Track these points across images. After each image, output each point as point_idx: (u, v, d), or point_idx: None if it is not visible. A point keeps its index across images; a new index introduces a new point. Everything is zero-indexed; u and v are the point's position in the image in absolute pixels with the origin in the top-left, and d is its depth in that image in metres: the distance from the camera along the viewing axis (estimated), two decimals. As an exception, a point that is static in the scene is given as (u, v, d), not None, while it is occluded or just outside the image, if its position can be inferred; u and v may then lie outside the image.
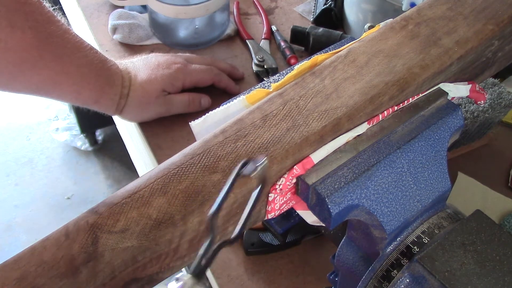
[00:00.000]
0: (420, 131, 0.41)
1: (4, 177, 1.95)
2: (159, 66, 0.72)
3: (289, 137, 0.37)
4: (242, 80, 0.82)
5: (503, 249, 0.38)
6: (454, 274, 0.37)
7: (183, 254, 0.34)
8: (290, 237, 0.63)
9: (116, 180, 1.96)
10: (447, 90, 0.44)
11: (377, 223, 0.39)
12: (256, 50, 0.86)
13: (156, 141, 0.74)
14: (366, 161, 0.38)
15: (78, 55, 0.63)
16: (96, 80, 0.66)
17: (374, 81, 0.41)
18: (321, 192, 0.36)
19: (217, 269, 0.63)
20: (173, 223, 0.33)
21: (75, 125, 1.95)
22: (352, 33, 0.88)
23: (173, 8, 0.80)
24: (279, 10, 0.96)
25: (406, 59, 0.43)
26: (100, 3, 0.93)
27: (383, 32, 0.45)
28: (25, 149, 2.04)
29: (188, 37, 0.85)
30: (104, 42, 0.87)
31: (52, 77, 0.62)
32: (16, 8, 0.57)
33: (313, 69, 0.43)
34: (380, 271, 0.41)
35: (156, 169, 0.36)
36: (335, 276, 0.49)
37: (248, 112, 0.39)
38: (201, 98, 0.76)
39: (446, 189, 0.42)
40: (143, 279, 0.33)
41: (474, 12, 0.47)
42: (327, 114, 0.39)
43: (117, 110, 0.71)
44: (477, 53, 0.46)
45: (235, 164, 0.36)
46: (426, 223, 0.41)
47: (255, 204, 0.31)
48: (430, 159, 0.41)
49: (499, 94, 0.70)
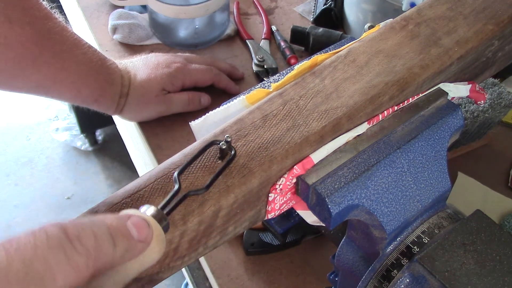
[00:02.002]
0: (420, 131, 0.41)
1: (4, 177, 1.95)
2: (159, 66, 0.72)
3: (289, 137, 0.37)
4: (242, 80, 0.82)
5: (503, 249, 0.38)
6: (454, 274, 0.37)
7: (183, 254, 0.34)
8: (290, 237, 0.63)
9: (116, 180, 1.96)
10: (447, 90, 0.44)
11: (377, 223, 0.39)
12: (256, 50, 0.86)
13: (156, 141, 0.74)
14: (366, 161, 0.38)
15: (77, 53, 0.63)
16: (96, 78, 0.66)
17: (374, 81, 0.41)
18: (321, 192, 0.36)
19: (217, 269, 0.63)
20: (173, 223, 0.33)
21: (75, 125, 1.95)
22: (352, 33, 0.88)
23: (173, 8, 0.80)
24: (279, 10, 0.96)
25: (406, 59, 0.43)
26: (100, 3, 0.93)
27: (383, 32, 0.45)
28: (25, 149, 2.04)
29: (188, 37, 0.85)
30: (104, 42, 0.87)
31: (52, 75, 0.62)
32: (14, 3, 0.57)
33: (313, 69, 0.43)
34: (380, 271, 0.41)
35: (156, 169, 0.36)
36: (335, 276, 0.49)
37: (248, 112, 0.39)
38: (200, 96, 0.76)
39: (446, 189, 0.42)
40: (143, 279, 0.33)
41: (474, 12, 0.47)
42: (327, 114, 0.39)
43: (117, 109, 0.71)
44: (477, 53, 0.46)
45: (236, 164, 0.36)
46: (426, 223, 0.41)
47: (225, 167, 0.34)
48: (430, 159, 0.41)
49: (499, 94, 0.70)
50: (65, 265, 0.24)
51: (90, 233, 0.25)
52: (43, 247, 0.23)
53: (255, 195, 0.36)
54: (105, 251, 0.25)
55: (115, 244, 0.26)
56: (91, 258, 0.25)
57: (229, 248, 0.65)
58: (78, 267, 0.24)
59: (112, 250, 0.26)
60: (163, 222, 0.30)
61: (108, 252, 0.26)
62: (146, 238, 0.28)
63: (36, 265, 0.23)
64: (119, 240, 0.26)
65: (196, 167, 0.36)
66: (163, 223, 0.30)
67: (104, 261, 0.26)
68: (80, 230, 0.25)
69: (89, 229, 0.25)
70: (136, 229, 0.27)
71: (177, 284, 1.65)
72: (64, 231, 0.24)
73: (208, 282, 0.66)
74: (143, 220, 0.28)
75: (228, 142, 0.35)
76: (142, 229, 0.28)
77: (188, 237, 0.34)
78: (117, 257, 0.26)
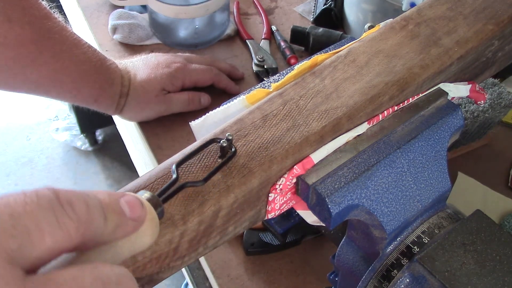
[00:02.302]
0: (420, 131, 0.41)
1: (4, 177, 1.95)
2: (159, 65, 0.72)
3: (289, 137, 0.37)
4: (242, 80, 0.82)
5: (503, 249, 0.38)
6: (454, 274, 0.37)
7: (183, 254, 0.34)
8: (290, 237, 0.63)
9: (116, 180, 1.96)
10: (447, 90, 0.44)
11: (377, 223, 0.39)
12: (256, 50, 0.86)
13: (156, 141, 0.74)
14: (366, 161, 0.38)
15: (77, 52, 0.63)
16: (96, 78, 0.66)
17: (374, 81, 0.41)
18: (321, 192, 0.36)
19: (217, 269, 0.63)
20: (173, 223, 0.32)
21: (75, 125, 1.95)
22: (352, 33, 0.88)
23: (173, 8, 0.80)
24: (279, 10, 0.96)
25: (406, 59, 0.43)
26: (100, 3, 0.93)
27: (383, 32, 0.45)
28: (25, 149, 2.04)
29: (188, 37, 0.85)
30: (104, 42, 0.87)
31: (52, 74, 0.62)
32: (14, 3, 0.57)
33: (313, 69, 0.43)
34: (380, 271, 0.41)
35: (156, 169, 0.36)
36: (335, 276, 0.49)
37: (248, 112, 0.39)
38: (200, 96, 0.76)
39: (446, 189, 0.42)
40: (143, 279, 0.33)
41: (474, 12, 0.47)
42: (327, 114, 0.39)
43: (117, 109, 0.71)
44: (477, 53, 0.46)
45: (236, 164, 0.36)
46: (426, 223, 0.41)
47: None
48: (430, 159, 0.41)
49: (499, 94, 0.70)
50: (55, 226, 0.23)
51: (82, 201, 0.24)
52: (33, 205, 0.22)
53: (255, 195, 0.36)
54: (96, 222, 0.25)
55: (106, 218, 0.25)
56: (82, 225, 0.24)
57: (229, 248, 0.65)
58: (68, 230, 0.23)
59: (103, 222, 0.25)
60: (158, 208, 0.30)
61: (99, 224, 0.25)
62: (138, 217, 0.27)
63: (24, 220, 0.22)
64: (110, 214, 0.26)
65: (196, 167, 0.36)
66: (158, 209, 0.30)
67: (94, 232, 0.25)
68: (72, 196, 0.24)
69: (81, 198, 0.24)
70: (128, 207, 0.27)
71: (177, 284, 1.65)
72: (56, 195, 0.23)
73: (208, 282, 0.66)
74: (137, 199, 0.28)
75: (230, 140, 0.35)
76: (135, 207, 0.27)
77: (188, 237, 0.34)
78: (107, 231, 0.26)
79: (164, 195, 0.31)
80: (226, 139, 0.35)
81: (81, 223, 0.24)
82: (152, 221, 0.29)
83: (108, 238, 0.26)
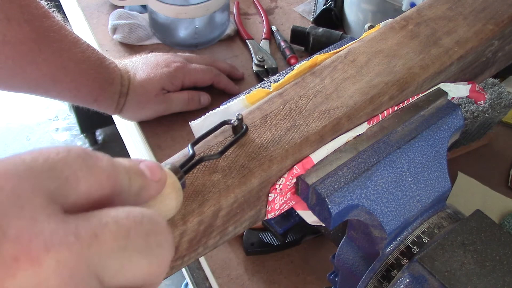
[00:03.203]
0: (420, 131, 0.41)
1: (4, 177, 1.95)
2: (158, 65, 0.72)
3: (289, 137, 0.37)
4: (242, 80, 0.82)
5: (503, 249, 0.38)
6: (454, 274, 0.37)
7: (183, 254, 0.34)
8: (290, 237, 0.63)
9: (116, 180, 1.96)
10: (447, 90, 0.44)
11: (377, 223, 0.39)
12: (256, 50, 0.86)
13: (156, 141, 0.74)
14: (366, 161, 0.38)
15: (76, 51, 0.63)
16: (95, 77, 0.66)
17: (374, 81, 0.41)
18: (321, 192, 0.36)
19: (217, 269, 0.63)
20: (173, 223, 0.32)
21: (75, 125, 1.95)
22: (352, 33, 0.88)
23: (173, 8, 0.80)
24: (279, 10, 0.96)
25: (406, 59, 0.43)
26: (100, 3, 0.93)
27: (383, 32, 0.45)
28: (25, 149, 2.03)
29: (188, 37, 0.85)
30: (104, 42, 0.87)
31: (51, 73, 0.62)
32: (11, 1, 0.57)
33: (313, 69, 0.43)
34: (380, 271, 0.41)
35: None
36: (335, 276, 0.49)
37: (248, 112, 0.39)
38: (200, 95, 0.76)
39: (446, 189, 0.42)
40: (143, 279, 0.33)
41: (474, 12, 0.47)
42: (327, 114, 0.39)
43: (116, 109, 0.71)
44: (477, 53, 0.46)
45: (236, 165, 0.36)
46: (426, 223, 0.41)
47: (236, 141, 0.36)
48: (430, 159, 0.41)
49: (499, 94, 0.70)
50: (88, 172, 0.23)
51: (107, 159, 0.25)
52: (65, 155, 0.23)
53: (255, 195, 0.36)
54: (122, 179, 0.25)
55: (130, 178, 0.26)
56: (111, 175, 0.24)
57: (229, 248, 0.65)
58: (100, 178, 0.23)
59: (128, 182, 0.25)
60: (178, 175, 0.30)
61: (125, 182, 0.25)
62: (160, 179, 0.27)
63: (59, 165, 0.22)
64: (133, 175, 0.26)
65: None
66: (178, 175, 0.30)
67: (121, 190, 0.25)
68: (98, 155, 0.25)
69: (106, 157, 0.25)
70: (149, 170, 0.27)
71: (177, 284, 1.65)
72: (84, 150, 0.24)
73: (208, 282, 0.66)
74: (155, 163, 0.28)
75: (240, 119, 0.36)
76: (155, 170, 0.27)
77: (188, 237, 0.34)
78: (133, 192, 0.26)
79: (184, 168, 0.32)
80: (236, 118, 0.36)
81: (111, 174, 0.24)
82: (174, 185, 0.29)
83: (134, 201, 0.26)
